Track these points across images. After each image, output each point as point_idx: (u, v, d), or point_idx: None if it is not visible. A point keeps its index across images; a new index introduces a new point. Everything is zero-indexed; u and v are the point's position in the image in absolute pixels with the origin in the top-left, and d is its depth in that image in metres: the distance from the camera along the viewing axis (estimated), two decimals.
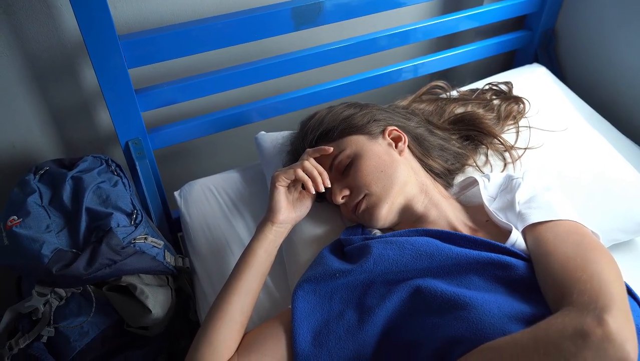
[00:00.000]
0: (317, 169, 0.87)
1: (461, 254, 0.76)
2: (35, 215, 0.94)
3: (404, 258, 0.78)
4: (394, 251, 0.79)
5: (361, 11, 1.15)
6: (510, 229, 0.80)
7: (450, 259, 0.76)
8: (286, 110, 1.25)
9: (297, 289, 0.81)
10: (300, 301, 0.79)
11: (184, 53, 1.02)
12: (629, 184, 1.06)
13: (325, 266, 0.82)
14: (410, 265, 0.77)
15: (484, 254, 0.76)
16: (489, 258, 0.75)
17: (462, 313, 0.69)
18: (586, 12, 1.38)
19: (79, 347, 0.96)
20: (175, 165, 1.39)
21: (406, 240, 0.81)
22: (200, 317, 1.02)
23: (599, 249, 0.72)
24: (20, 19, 1.00)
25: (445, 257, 0.76)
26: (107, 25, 0.90)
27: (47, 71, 1.09)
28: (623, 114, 1.36)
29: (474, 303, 0.69)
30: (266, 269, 0.86)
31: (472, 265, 0.76)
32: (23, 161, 1.18)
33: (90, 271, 0.90)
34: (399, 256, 0.78)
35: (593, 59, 1.41)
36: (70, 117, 1.18)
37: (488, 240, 0.79)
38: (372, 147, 0.90)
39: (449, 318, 0.70)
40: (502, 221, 0.83)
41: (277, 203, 0.87)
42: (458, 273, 0.76)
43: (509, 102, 1.11)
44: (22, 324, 0.96)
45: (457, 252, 0.77)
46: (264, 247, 0.85)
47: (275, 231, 0.87)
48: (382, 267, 0.78)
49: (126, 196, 1.02)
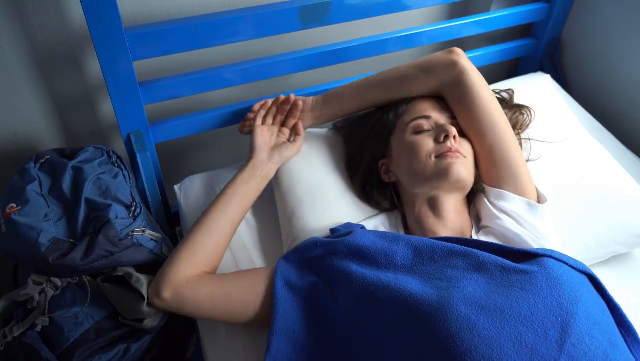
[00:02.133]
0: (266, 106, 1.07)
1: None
2: (34, 203, 0.94)
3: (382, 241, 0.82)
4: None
5: (368, 12, 1.15)
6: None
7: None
8: None
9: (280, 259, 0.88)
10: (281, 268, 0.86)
11: (190, 47, 1.02)
12: (629, 196, 1.06)
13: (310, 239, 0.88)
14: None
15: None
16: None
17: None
18: (592, 23, 1.38)
19: (72, 337, 0.96)
20: (176, 159, 1.39)
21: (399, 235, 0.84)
22: None
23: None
24: (27, 7, 1.00)
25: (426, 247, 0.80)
26: (113, 17, 0.90)
27: (51, 60, 1.09)
28: (626, 125, 1.36)
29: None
30: (245, 200, 0.96)
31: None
32: (24, 149, 1.18)
33: (86, 262, 0.89)
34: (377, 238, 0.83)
35: (597, 69, 1.41)
36: (73, 107, 1.18)
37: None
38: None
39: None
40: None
41: (254, 141, 1.01)
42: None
43: (513, 111, 1.11)
44: (17, 312, 0.96)
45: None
46: (240, 177, 0.96)
47: (253, 166, 0.97)
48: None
49: (126, 188, 1.02)
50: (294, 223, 0.98)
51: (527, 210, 0.88)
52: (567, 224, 1.02)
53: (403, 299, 0.71)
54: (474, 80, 0.93)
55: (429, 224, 0.89)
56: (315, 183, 1.02)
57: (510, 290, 0.70)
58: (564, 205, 1.03)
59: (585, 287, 0.73)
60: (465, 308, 0.68)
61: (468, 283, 0.72)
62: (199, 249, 0.88)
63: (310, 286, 0.82)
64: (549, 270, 0.72)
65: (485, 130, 0.91)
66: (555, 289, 0.69)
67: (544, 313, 0.67)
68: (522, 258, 0.77)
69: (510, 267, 0.74)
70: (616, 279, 1.03)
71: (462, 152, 0.90)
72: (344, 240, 0.83)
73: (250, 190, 0.96)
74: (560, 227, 1.01)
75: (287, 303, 0.81)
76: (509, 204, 0.89)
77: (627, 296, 0.95)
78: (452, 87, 0.95)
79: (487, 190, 0.92)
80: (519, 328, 0.66)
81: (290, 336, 0.79)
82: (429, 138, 0.91)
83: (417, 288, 0.72)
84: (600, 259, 1.06)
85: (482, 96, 0.93)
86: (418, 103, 0.98)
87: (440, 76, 0.96)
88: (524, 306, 0.68)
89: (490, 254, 0.77)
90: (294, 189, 1.01)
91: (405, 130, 0.95)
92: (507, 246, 0.79)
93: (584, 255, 1.03)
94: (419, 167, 0.89)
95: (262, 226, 1.08)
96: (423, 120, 0.94)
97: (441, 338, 0.65)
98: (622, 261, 1.08)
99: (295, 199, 1.00)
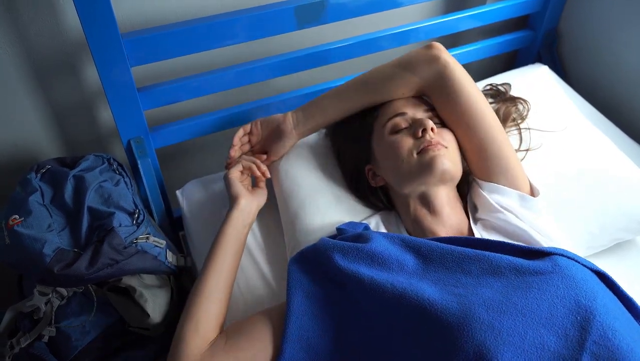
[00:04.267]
0: (252, 160, 1.01)
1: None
2: (37, 214, 0.94)
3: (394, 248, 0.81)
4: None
5: (364, 10, 1.14)
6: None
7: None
8: (289, 108, 1.23)
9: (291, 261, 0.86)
10: (294, 272, 0.83)
11: (187, 51, 1.02)
12: (632, 183, 1.06)
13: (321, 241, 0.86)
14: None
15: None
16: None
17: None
18: (589, 12, 1.38)
19: (80, 346, 0.96)
20: (177, 164, 1.38)
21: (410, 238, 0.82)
22: None
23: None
24: (22, 16, 0.99)
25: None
26: (109, 23, 0.90)
27: (49, 69, 1.08)
28: (625, 114, 1.36)
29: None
30: (238, 249, 0.92)
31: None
32: (25, 160, 1.18)
33: (92, 271, 0.89)
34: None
35: (596, 59, 1.41)
36: (72, 115, 1.17)
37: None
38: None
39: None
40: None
41: (235, 189, 0.97)
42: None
43: (508, 103, 1.11)
44: (24, 323, 0.95)
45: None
46: (232, 226, 0.92)
47: (241, 212, 0.94)
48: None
49: (128, 195, 1.01)
50: (297, 226, 0.98)
51: (522, 204, 0.88)
52: (571, 212, 1.02)
53: (422, 308, 0.70)
54: (458, 74, 0.92)
55: (426, 224, 0.89)
56: (316, 185, 1.01)
57: (529, 292, 0.69)
58: (567, 193, 1.03)
59: (599, 284, 0.72)
60: (487, 313, 0.67)
61: (485, 289, 0.71)
62: (202, 321, 0.81)
63: (323, 291, 0.81)
64: (563, 269, 0.71)
65: (473, 124, 0.90)
66: (572, 288, 0.69)
67: (563, 314, 0.67)
68: (532, 256, 0.76)
69: (524, 268, 0.73)
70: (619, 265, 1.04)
71: (443, 143, 0.88)
72: (357, 246, 0.81)
73: (241, 240, 0.93)
74: (564, 215, 1.01)
75: (300, 309, 0.79)
76: (504, 198, 0.88)
77: (631, 282, 0.95)
78: (436, 83, 0.93)
79: (481, 184, 0.92)
80: (541, 331, 0.65)
81: (304, 343, 0.77)
82: (408, 136, 0.90)
83: (435, 296, 0.71)
84: (605, 247, 1.06)
85: (467, 90, 0.91)
86: (393, 102, 0.96)
87: (422, 73, 0.93)
88: (544, 308, 0.67)
89: (501, 255, 0.75)
90: (296, 192, 1.00)
91: (383, 131, 0.93)
92: (517, 245, 0.78)
93: (588, 243, 1.03)
94: (403, 167, 0.88)
95: (265, 229, 1.07)
96: (399, 118, 0.92)
97: (466, 348, 0.64)
98: (626, 248, 1.08)
99: (297, 201, 0.99)
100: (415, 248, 0.80)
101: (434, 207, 0.89)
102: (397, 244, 0.81)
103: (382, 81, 0.97)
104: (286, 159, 1.05)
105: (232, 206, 0.95)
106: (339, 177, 1.03)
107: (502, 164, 0.90)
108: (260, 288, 0.99)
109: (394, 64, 0.97)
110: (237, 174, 0.99)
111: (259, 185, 1.02)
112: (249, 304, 0.97)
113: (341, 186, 1.02)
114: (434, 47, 0.93)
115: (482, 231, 0.88)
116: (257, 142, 1.06)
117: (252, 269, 1.01)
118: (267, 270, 1.01)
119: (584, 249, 1.03)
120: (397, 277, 0.76)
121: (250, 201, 0.97)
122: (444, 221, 0.88)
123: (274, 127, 1.03)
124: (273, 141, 1.03)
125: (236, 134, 1.04)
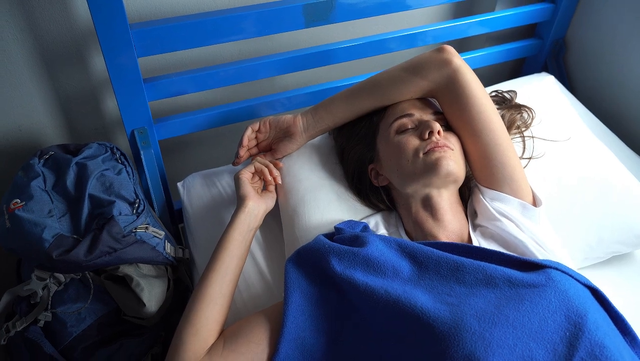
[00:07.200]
0: (265, 164, 0.99)
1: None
2: (38, 199, 0.95)
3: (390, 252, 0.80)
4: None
5: (372, 11, 1.14)
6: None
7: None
8: (294, 106, 1.25)
9: (287, 262, 0.85)
10: (291, 272, 0.83)
11: (194, 44, 1.03)
12: (631, 197, 1.06)
13: (317, 241, 0.85)
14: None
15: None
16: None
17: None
18: (597, 24, 1.38)
19: (75, 333, 0.96)
20: (179, 156, 1.39)
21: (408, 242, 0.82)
22: None
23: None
24: (32, 2, 1.00)
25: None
26: (118, 14, 0.90)
27: (56, 56, 1.09)
28: (629, 126, 1.35)
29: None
30: (243, 253, 0.91)
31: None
32: (28, 145, 1.18)
33: (90, 258, 0.90)
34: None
35: (602, 70, 1.41)
36: (78, 103, 1.18)
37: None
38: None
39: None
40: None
41: (244, 191, 0.94)
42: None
43: (513, 111, 1.11)
44: (20, 307, 0.96)
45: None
46: (238, 230, 0.90)
47: (248, 215, 0.92)
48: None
49: (129, 185, 1.02)
50: (296, 222, 0.98)
51: (523, 213, 0.88)
52: (570, 223, 1.02)
53: (415, 315, 0.70)
54: (469, 79, 0.91)
55: (427, 227, 0.89)
56: (316, 181, 1.01)
57: (521, 304, 0.69)
58: (567, 204, 1.03)
59: (591, 300, 0.72)
60: (479, 324, 0.67)
61: (478, 299, 0.71)
62: (203, 326, 0.81)
63: (320, 292, 0.81)
64: (556, 283, 0.71)
65: (480, 130, 0.90)
66: (564, 303, 0.69)
67: (553, 328, 0.67)
68: (527, 268, 0.76)
69: (518, 280, 0.73)
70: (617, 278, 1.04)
71: (450, 146, 0.89)
72: (352, 250, 0.81)
73: (246, 245, 0.92)
74: (563, 226, 1.01)
75: (298, 308, 0.79)
76: (506, 206, 0.88)
77: (628, 296, 0.95)
78: (446, 87, 0.92)
79: (483, 190, 0.92)
80: (530, 345, 0.65)
81: (299, 343, 0.77)
82: (414, 136, 0.90)
83: (428, 304, 0.71)
84: (602, 259, 1.06)
85: (477, 95, 0.90)
86: (400, 102, 0.96)
87: (433, 77, 0.92)
88: (535, 322, 0.67)
89: (496, 266, 0.75)
90: (296, 187, 1.01)
91: (389, 131, 0.93)
92: (513, 256, 0.78)
93: (586, 254, 1.03)
94: (408, 166, 0.88)
95: (264, 225, 1.08)
96: (406, 119, 0.92)
97: (456, 357, 0.65)
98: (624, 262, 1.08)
99: (297, 197, 1.00)
100: (412, 254, 0.80)
101: (436, 211, 0.89)
102: (393, 248, 0.81)
103: (392, 84, 0.96)
104: (288, 155, 1.06)
105: (239, 208, 0.93)
106: (340, 175, 1.04)
107: (507, 173, 0.89)
108: (259, 286, 0.99)
109: (404, 67, 0.96)
110: (248, 176, 0.97)
111: (269, 189, 1.01)
112: (247, 302, 0.97)
113: (342, 185, 1.02)
114: (446, 51, 0.92)
115: (480, 238, 0.88)
116: (264, 140, 1.06)
117: (251, 268, 1.02)
118: (265, 268, 1.02)
119: (581, 261, 1.03)
120: (391, 283, 0.76)
121: (258, 205, 0.95)
122: (445, 225, 0.88)
123: (284, 129, 1.03)
124: (281, 141, 1.04)
125: (245, 134, 1.03)
